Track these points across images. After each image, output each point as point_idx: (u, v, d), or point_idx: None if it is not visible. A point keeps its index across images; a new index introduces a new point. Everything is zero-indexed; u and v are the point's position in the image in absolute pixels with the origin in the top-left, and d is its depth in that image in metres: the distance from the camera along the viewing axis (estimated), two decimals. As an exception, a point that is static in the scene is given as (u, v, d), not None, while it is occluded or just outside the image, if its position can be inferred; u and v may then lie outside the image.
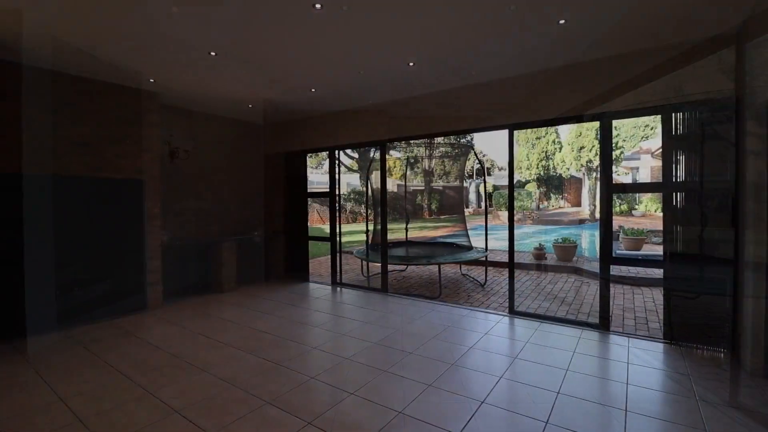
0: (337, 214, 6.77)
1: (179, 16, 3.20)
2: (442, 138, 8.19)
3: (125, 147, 4.95)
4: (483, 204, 27.76)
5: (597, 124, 4.26)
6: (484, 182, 7.82)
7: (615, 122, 4.30)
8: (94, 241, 4.65)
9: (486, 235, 7.41)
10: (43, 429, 2.53)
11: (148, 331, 4.41)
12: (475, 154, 8.20)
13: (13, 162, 4.11)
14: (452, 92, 5.14)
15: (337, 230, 6.68)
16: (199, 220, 6.40)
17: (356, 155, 23.87)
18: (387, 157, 6.11)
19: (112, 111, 4.84)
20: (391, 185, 22.16)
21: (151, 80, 4.78)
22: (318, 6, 3.07)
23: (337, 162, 6.74)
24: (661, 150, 4.05)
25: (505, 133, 4.83)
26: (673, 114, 3.82)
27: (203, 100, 5.71)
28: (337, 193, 6.72)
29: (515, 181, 5.00)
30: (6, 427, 2.57)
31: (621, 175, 23.70)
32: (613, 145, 4.31)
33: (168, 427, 2.53)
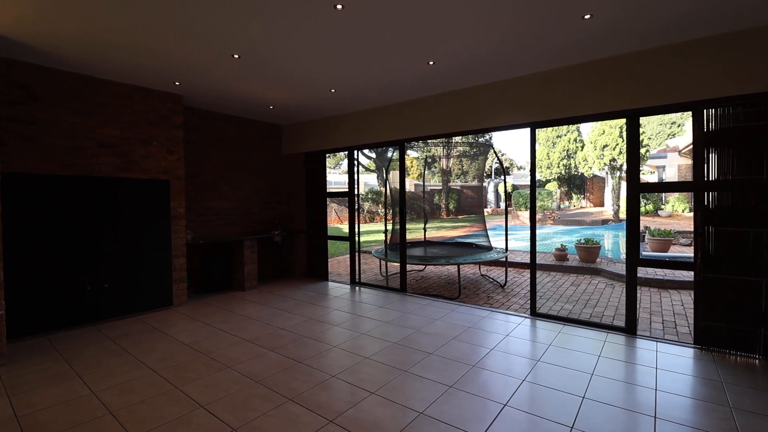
0: (356, 214, 6.79)
1: (204, 19, 3.27)
2: (460, 137, 8.12)
3: (151, 148, 5.10)
4: (502, 204, 27.42)
5: (621, 121, 4.18)
6: (504, 182, 7.71)
7: (640, 120, 4.17)
8: (122, 238, 4.80)
9: (506, 235, 7.31)
10: (76, 420, 2.63)
11: (174, 327, 4.53)
12: (495, 153, 8.08)
13: (48, 163, 4.29)
14: (472, 90, 5.09)
15: (356, 230, 6.71)
16: (220, 219, 6.54)
17: (373, 155, 23.94)
18: (405, 156, 6.08)
19: (138, 113, 4.99)
20: (408, 185, 22.12)
21: (177, 83, 4.90)
22: (339, 6, 3.08)
23: (356, 162, 6.77)
24: (691, 147, 3.90)
25: (523, 131, 4.76)
26: (705, 110, 3.68)
27: (225, 102, 5.82)
28: (356, 193, 6.74)
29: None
30: (44, 417, 2.68)
31: (646, 174, 23.00)
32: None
33: (194, 422, 2.60)
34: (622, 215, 17.36)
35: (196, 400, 2.88)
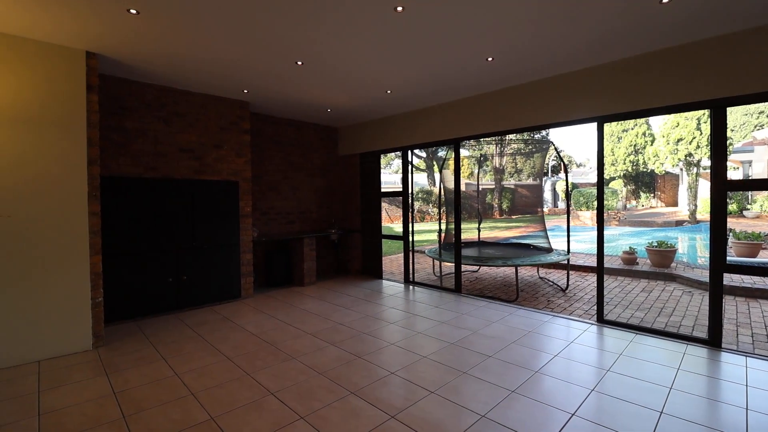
0: (410, 214, 6.82)
1: (271, 29, 3.46)
2: (514, 134, 7.86)
3: (222, 152, 5.50)
4: (559, 203, 26.03)
5: (698, 113, 3.79)
6: (566, 179, 7.32)
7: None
8: (198, 235, 5.23)
9: (568, 236, 6.96)
10: (163, 399, 2.93)
11: (243, 318, 4.86)
12: (556, 150, 7.70)
13: (136, 167, 4.79)
14: (533, 85, 4.90)
15: (410, 229, 6.74)
16: (282, 218, 6.89)
17: (423, 154, 23.83)
18: (459, 155, 5.99)
19: (212, 120, 5.41)
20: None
21: (245, 91, 5.24)
22: (399, 8, 3.12)
23: (410, 162, 6.80)
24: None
25: (583, 127, 4.53)
26: (811, 98, 3.25)
27: (287, 106, 6.12)
28: (409, 192, 6.77)
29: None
30: (137, 394, 3.01)
31: (729, 169, 20.68)
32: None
33: (265, 407, 2.78)
34: (700, 216, 15.75)
35: (266, 387, 3.07)
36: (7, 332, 3.49)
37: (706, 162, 15.67)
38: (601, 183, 4.50)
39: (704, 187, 16.68)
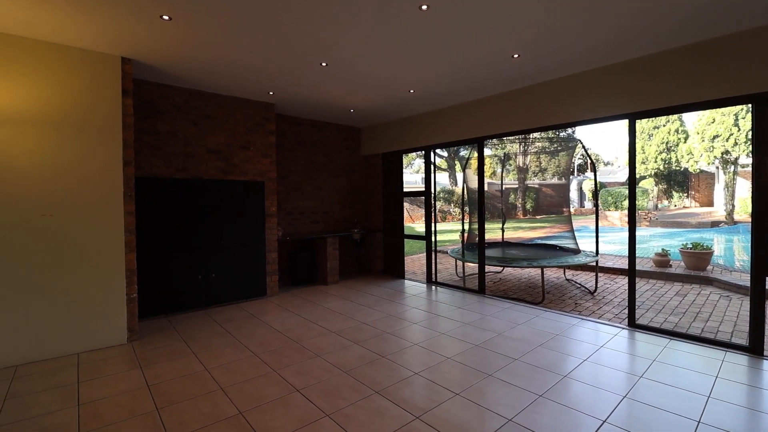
0: (433, 214, 6.79)
1: (297, 31, 3.52)
2: (538, 133, 7.71)
3: (249, 153, 5.62)
4: (586, 203, 25.31)
5: (735, 108, 3.59)
6: (595, 179, 7.10)
7: None
8: (225, 234, 5.37)
9: (597, 237, 6.76)
10: (194, 393, 3.02)
11: (268, 315, 4.95)
12: (584, 148, 7.49)
13: (167, 168, 4.95)
14: (559, 81, 4.78)
15: (433, 229, 6.70)
16: (305, 217, 6.98)
17: (445, 154, 23.63)
18: (483, 155, 5.92)
19: (239, 122, 5.54)
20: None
21: (271, 93, 5.34)
22: (424, 7, 3.11)
23: (432, 161, 6.76)
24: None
25: (610, 124, 4.35)
26: None
27: (311, 108, 6.19)
28: (432, 192, 6.74)
29: (626, 177, 4.50)
30: (169, 387, 3.12)
31: None
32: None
33: (292, 404, 2.82)
34: (738, 216, 14.98)
35: (292, 383, 3.12)
36: (50, 325, 3.68)
37: (745, 160, 14.89)
38: (633, 182, 4.35)
39: (742, 187, 15.85)
